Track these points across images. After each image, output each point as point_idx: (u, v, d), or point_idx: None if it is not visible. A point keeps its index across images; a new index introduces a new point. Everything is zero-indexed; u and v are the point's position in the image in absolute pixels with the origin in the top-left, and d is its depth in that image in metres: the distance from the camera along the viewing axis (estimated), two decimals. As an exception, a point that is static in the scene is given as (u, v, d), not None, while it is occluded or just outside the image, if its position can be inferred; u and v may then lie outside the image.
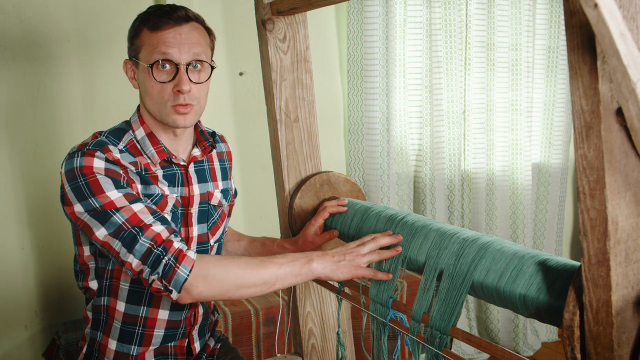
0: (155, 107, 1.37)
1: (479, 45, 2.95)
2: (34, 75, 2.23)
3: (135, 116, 1.43)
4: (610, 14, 0.67)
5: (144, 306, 1.40)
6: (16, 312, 2.27)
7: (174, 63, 1.32)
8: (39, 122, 2.25)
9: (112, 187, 1.26)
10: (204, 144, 1.49)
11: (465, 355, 2.98)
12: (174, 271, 1.21)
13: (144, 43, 1.34)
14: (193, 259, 1.23)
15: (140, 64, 1.35)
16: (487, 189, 3.09)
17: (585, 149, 0.83)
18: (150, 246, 1.23)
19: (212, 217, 1.51)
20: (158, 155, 1.39)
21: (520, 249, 1.13)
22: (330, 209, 1.59)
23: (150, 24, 1.34)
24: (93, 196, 1.26)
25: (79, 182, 1.27)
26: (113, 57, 2.36)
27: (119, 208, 1.25)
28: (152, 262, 1.22)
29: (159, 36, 1.33)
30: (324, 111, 2.57)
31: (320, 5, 1.50)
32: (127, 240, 1.24)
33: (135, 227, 1.24)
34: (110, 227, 1.25)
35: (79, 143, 1.34)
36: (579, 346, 0.92)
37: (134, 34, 1.37)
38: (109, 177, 1.27)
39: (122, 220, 1.24)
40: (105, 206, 1.25)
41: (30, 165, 2.25)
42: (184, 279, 1.21)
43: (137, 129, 1.41)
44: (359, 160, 2.82)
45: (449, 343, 1.20)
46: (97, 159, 1.28)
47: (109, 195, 1.26)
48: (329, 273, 1.29)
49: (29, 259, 2.28)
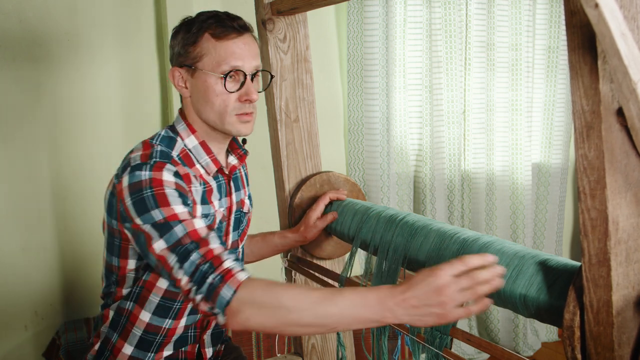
0: (217, 117, 1.34)
1: (479, 45, 2.95)
2: (34, 75, 2.23)
3: (183, 124, 1.39)
4: (611, 13, 0.67)
5: (169, 319, 1.39)
6: (16, 312, 2.27)
7: (242, 73, 1.33)
8: (39, 122, 2.25)
9: (179, 202, 1.22)
10: (238, 152, 1.49)
11: (465, 355, 2.98)
12: (217, 291, 1.11)
13: (208, 51, 1.32)
14: (240, 281, 1.12)
15: (203, 72, 1.32)
16: (487, 189, 3.08)
17: (585, 149, 0.83)
18: (200, 262, 1.15)
19: (242, 223, 1.52)
20: (213, 164, 1.39)
21: (520, 249, 1.13)
22: (331, 194, 1.64)
23: (214, 32, 1.31)
24: (157, 207, 1.20)
25: (145, 194, 1.22)
26: (113, 57, 2.36)
27: (182, 220, 1.19)
28: (198, 279, 1.14)
29: (226, 46, 1.31)
30: (324, 111, 2.57)
31: (320, 5, 1.50)
32: (181, 255, 1.17)
33: (193, 242, 1.17)
34: (170, 239, 1.18)
35: (136, 154, 1.29)
36: (580, 346, 0.92)
37: (191, 41, 1.33)
38: (177, 192, 1.24)
39: (182, 234, 1.18)
40: (168, 218, 1.20)
41: (30, 165, 2.25)
42: (227, 301, 1.11)
43: (186, 137, 1.38)
44: (359, 160, 2.82)
45: (449, 343, 1.20)
46: (166, 171, 1.24)
47: (174, 209, 1.21)
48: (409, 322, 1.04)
49: (29, 259, 2.27)
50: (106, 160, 2.37)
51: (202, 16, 1.35)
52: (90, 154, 2.35)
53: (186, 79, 1.36)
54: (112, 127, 2.39)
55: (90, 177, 2.35)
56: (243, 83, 1.33)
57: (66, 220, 2.33)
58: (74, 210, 2.33)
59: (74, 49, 2.29)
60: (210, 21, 1.33)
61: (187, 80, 1.36)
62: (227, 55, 1.31)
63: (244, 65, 1.32)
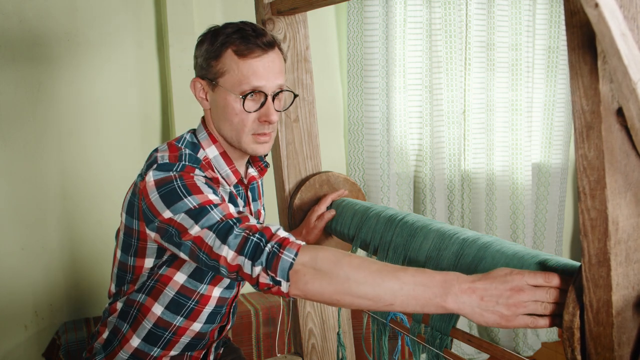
0: (234, 134, 1.33)
1: (479, 45, 2.95)
2: (34, 75, 2.23)
3: (205, 134, 1.37)
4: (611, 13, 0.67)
5: (181, 317, 1.38)
6: (16, 312, 2.27)
7: (263, 94, 1.30)
8: (38, 122, 2.25)
9: (210, 191, 1.19)
10: (259, 165, 1.48)
11: (465, 355, 2.98)
12: (278, 257, 1.05)
13: (230, 68, 1.29)
14: (299, 244, 1.07)
15: (223, 89, 1.30)
16: (487, 189, 3.08)
17: (585, 149, 0.83)
18: (247, 235, 1.09)
19: None
20: (234, 176, 1.38)
21: (520, 249, 1.13)
22: (333, 195, 1.65)
23: (238, 49, 1.28)
24: (190, 195, 1.17)
25: (175, 185, 1.19)
26: (113, 58, 2.36)
27: (217, 204, 1.16)
28: (250, 251, 1.08)
29: (249, 65, 1.28)
30: (324, 111, 2.57)
31: (320, 5, 1.50)
32: (223, 231, 1.11)
33: (232, 219, 1.12)
34: (207, 222, 1.13)
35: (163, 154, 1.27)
36: (580, 347, 0.92)
37: (214, 55, 1.30)
38: (207, 185, 1.21)
39: (219, 216, 1.13)
40: (203, 203, 1.15)
41: (30, 165, 2.25)
42: (290, 264, 1.05)
43: (207, 147, 1.36)
44: (359, 160, 2.82)
45: (450, 343, 1.20)
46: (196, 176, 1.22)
47: (208, 196, 1.17)
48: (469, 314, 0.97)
49: (29, 259, 2.28)
50: (106, 160, 2.38)
51: (228, 29, 1.30)
52: (90, 153, 2.35)
53: (207, 92, 1.34)
54: (112, 127, 2.39)
55: (90, 177, 2.35)
56: (263, 103, 1.30)
57: (66, 220, 2.33)
58: (74, 210, 2.34)
59: (74, 49, 2.29)
60: (235, 36, 1.28)
61: (208, 93, 1.34)
62: (249, 74, 1.28)
63: (265, 86, 1.29)
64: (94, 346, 1.43)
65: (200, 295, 1.37)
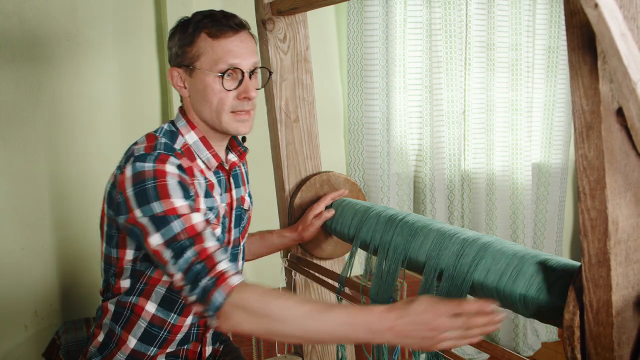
0: (214, 115, 1.35)
1: (479, 45, 2.94)
2: (34, 75, 2.23)
3: (183, 121, 1.40)
4: (611, 14, 0.67)
5: (174, 314, 1.39)
6: (16, 312, 2.27)
7: (240, 71, 1.33)
8: (38, 122, 2.25)
9: (179, 195, 1.22)
10: (238, 150, 1.50)
11: (465, 355, 2.98)
12: (210, 295, 1.13)
13: (205, 51, 1.33)
14: (232, 285, 1.13)
15: (201, 72, 1.33)
16: (487, 189, 3.08)
17: (585, 149, 0.83)
18: (193, 261, 1.16)
19: (243, 220, 1.53)
20: (214, 159, 1.40)
21: (520, 249, 1.13)
22: (333, 194, 1.65)
23: (210, 32, 1.32)
24: (158, 200, 1.21)
25: (147, 185, 1.22)
26: (113, 57, 2.36)
27: (180, 215, 1.20)
28: (191, 279, 1.16)
29: (223, 45, 1.32)
30: (324, 111, 2.57)
31: (320, 5, 1.50)
32: (177, 251, 1.18)
33: (189, 239, 1.18)
34: (166, 234, 1.19)
35: (140, 145, 1.30)
36: (579, 346, 0.92)
37: (188, 41, 1.34)
38: (180, 184, 1.24)
39: (179, 229, 1.19)
40: (167, 212, 1.20)
41: (30, 165, 2.25)
42: (219, 305, 1.13)
43: (187, 133, 1.39)
44: (359, 160, 2.82)
45: (449, 343, 1.20)
46: (170, 164, 1.25)
47: (174, 202, 1.21)
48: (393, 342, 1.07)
49: (29, 259, 2.27)
50: (106, 160, 2.37)
51: (198, 16, 1.36)
52: (89, 153, 2.35)
53: (185, 79, 1.38)
54: (112, 127, 2.39)
55: (90, 176, 2.35)
56: (241, 81, 1.34)
57: (66, 220, 2.33)
58: (74, 209, 2.34)
59: (74, 49, 2.29)
60: (205, 20, 1.33)
61: (186, 80, 1.38)
62: (224, 53, 1.32)
63: (241, 63, 1.33)
64: (89, 350, 1.44)
65: None
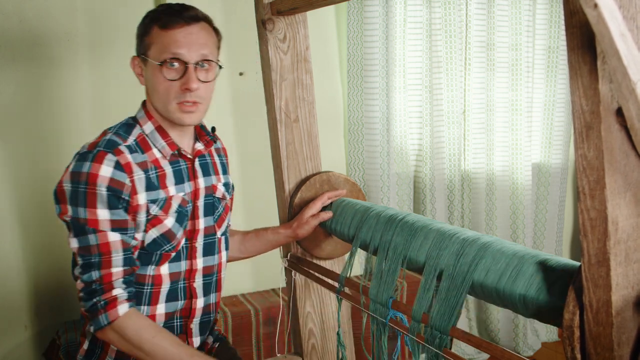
0: (162, 105, 1.39)
1: (479, 45, 2.95)
2: (34, 75, 2.23)
3: (142, 112, 1.45)
4: (611, 14, 0.67)
5: (144, 305, 1.42)
6: (16, 312, 2.27)
7: (183, 62, 1.35)
8: (39, 122, 2.25)
9: (104, 206, 1.30)
10: (205, 139, 1.52)
11: (465, 355, 2.98)
12: (98, 313, 1.30)
13: (154, 41, 1.37)
14: (118, 315, 1.29)
15: (150, 61, 1.37)
16: (487, 189, 3.08)
17: (585, 149, 0.83)
18: (95, 280, 1.31)
19: (217, 209, 1.54)
20: (169, 147, 1.42)
21: (520, 249, 1.13)
22: (330, 194, 1.65)
23: (161, 23, 1.36)
24: (84, 206, 1.30)
25: (80, 188, 1.30)
26: (113, 57, 2.36)
27: (97, 230, 1.30)
28: (88, 292, 1.32)
29: (170, 35, 1.35)
30: (324, 111, 2.57)
31: (320, 5, 1.50)
32: (86, 264, 1.32)
33: (99, 255, 1.31)
34: (82, 242, 1.32)
35: (90, 142, 1.36)
36: (579, 346, 0.92)
37: (144, 31, 1.40)
38: (108, 193, 1.30)
39: (93, 243, 1.31)
40: (89, 222, 1.30)
41: (30, 165, 2.25)
42: (102, 325, 1.30)
43: (144, 124, 1.43)
44: (359, 160, 2.82)
45: (449, 343, 1.20)
46: (105, 166, 1.30)
47: (98, 214, 1.30)
48: None
49: (30, 259, 2.28)
50: (106, 160, 2.37)
51: (158, 8, 1.41)
52: (90, 154, 2.35)
53: (142, 68, 1.42)
54: (112, 127, 2.38)
55: (90, 177, 2.34)
56: (185, 72, 1.36)
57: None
58: (74, 210, 2.33)
59: (74, 49, 2.29)
60: (160, 13, 1.38)
61: (143, 69, 1.42)
62: (169, 43, 1.35)
63: (184, 54, 1.35)
64: (77, 359, 1.46)
65: (152, 277, 1.41)
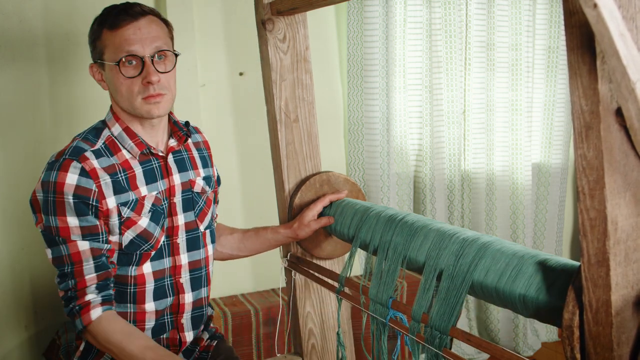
0: (127, 103, 1.40)
1: (479, 45, 2.94)
2: (34, 75, 2.23)
3: (110, 114, 1.47)
4: (610, 14, 0.67)
5: (130, 303, 1.44)
6: (16, 312, 2.27)
7: (139, 57, 1.36)
8: (38, 122, 2.25)
9: (73, 214, 1.33)
10: (178, 134, 1.52)
11: (465, 355, 2.98)
12: (75, 318, 1.37)
13: (107, 43, 1.38)
14: (91, 319, 1.34)
15: (107, 64, 1.39)
16: (487, 189, 3.08)
17: (584, 149, 0.83)
18: (70, 288, 1.36)
19: (198, 204, 1.54)
20: (137, 147, 1.42)
21: (520, 249, 1.13)
22: (332, 196, 1.64)
23: (109, 24, 1.38)
24: (54, 215, 1.33)
25: (49, 197, 1.34)
26: (113, 57, 2.36)
27: (68, 240, 1.35)
28: (65, 299, 1.38)
29: (120, 34, 1.36)
30: (324, 111, 2.57)
31: (320, 5, 1.50)
32: (61, 274, 1.38)
33: (72, 265, 1.36)
34: (55, 253, 1.37)
35: (59, 150, 1.39)
36: (579, 346, 0.92)
37: (95, 37, 1.41)
38: (75, 200, 1.33)
39: (64, 253, 1.36)
40: (60, 231, 1.34)
41: (30, 165, 2.25)
42: (79, 329, 1.37)
43: (112, 126, 1.45)
44: (359, 160, 2.82)
45: (449, 343, 1.20)
46: (71, 173, 1.33)
47: (68, 221, 1.34)
48: None
49: (29, 259, 2.28)
50: (106, 160, 2.37)
51: (104, 11, 1.41)
52: (90, 154, 2.35)
53: (101, 74, 1.43)
54: (112, 127, 2.39)
55: (90, 177, 2.34)
56: (143, 67, 1.37)
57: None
58: (74, 210, 2.33)
59: (74, 49, 2.29)
60: (107, 15, 1.39)
61: (103, 74, 1.43)
62: (121, 42, 1.36)
63: (138, 50, 1.36)
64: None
65: (134, 277, 1.43)
